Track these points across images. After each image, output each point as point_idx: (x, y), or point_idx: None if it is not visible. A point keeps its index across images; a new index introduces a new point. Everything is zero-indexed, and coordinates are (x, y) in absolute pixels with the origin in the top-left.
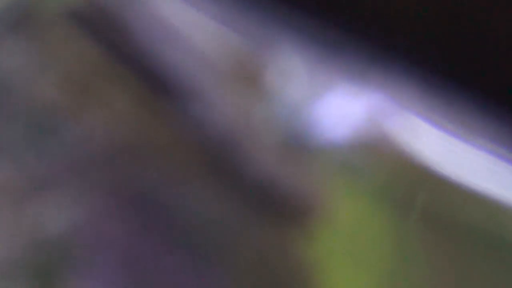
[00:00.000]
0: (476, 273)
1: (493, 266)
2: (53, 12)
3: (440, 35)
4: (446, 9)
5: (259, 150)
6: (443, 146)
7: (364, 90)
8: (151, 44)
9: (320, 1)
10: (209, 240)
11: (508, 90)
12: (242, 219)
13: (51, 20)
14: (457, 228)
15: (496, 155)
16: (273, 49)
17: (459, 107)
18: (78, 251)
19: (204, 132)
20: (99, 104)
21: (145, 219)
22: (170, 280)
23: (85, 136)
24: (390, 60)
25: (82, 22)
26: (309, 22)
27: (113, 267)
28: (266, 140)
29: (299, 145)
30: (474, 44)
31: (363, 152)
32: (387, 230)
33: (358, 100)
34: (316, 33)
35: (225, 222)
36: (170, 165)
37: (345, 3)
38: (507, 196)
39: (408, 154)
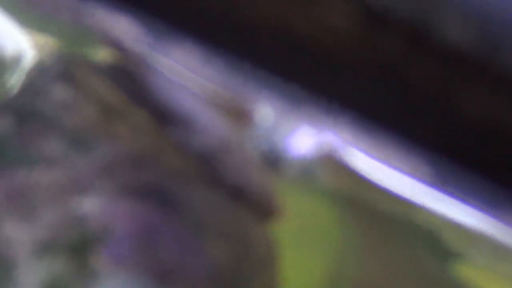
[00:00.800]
0: (394, 251)
1: (404, 246)
2: (89, 65)
3: (371, 92)
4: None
5: (240, 162)
6: (371, 165)
7: (318, 127)
8: (160, 90)
9: (287, 72)
10: (200, 220)
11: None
12: (224, 209)
13: (88, 71)
14: (381, 219)
15: (405, 172)
16: (255, 97)
17: (381, 141)
18: (105, 229)
19: (199, 148)
20: (121, 128)
21: (153, 205)
22: (171, 245)
23: (111, 148)
24: (336, 110)
25: (109, 73)
26: (282, 83)
27: (129, 238)
28: (246, 156)
29: (270, 160)
30: (396, 99)
31: (316, 167)
32: (333, 220)
33: (314, 134)
34: (286, 90)
35: (212, 210)
36: (173, 169)
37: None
38: (415, 198)
39: (348, 169)
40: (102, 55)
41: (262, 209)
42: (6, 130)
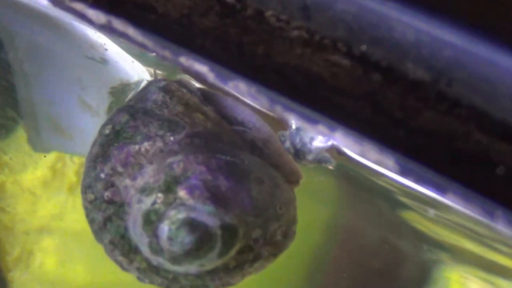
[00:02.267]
0: (369, 206)
1: (376, 203)
2: (179, 83)
3: (359, 113)
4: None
5: (277, 149)
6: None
7: (325, 133)
8: (225, 104)
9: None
10: (248, 171)
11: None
12: (264, 167)
13: (178, 86)
14: (363, 187)
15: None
16: (287, 113)
17: (365, 144)
18: (186, 172)
19: (252, 139)
20: (197, 116)
21: (217, 159)
22: (227, 183)
23: (191, 129)
24: (337, 124)
25: (193, 90)
26: (302, 106)
27: (201, 178)
28: (280, 146)
29: (297, 149)
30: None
31: (326, 155)
32: (334, 186)
33: (324, 136)
34: (305, 110)
35: (256, 166)
36: (231, 142)
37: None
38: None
39: (344, 155)
40: (185, 80)
41: (289, 178)
42: (125, 121)
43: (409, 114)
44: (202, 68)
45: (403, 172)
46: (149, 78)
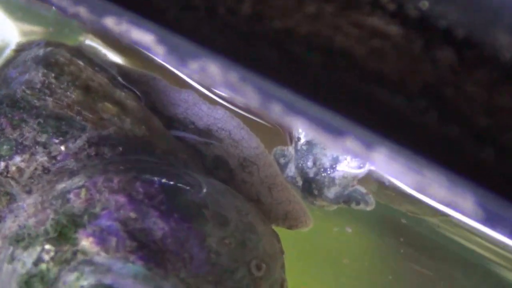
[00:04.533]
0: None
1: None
2: (75, 52)
3: (412, 117)
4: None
5: (264, 178)
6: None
7: (360, 156)
8: (167, 98)
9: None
10: (200, 204)
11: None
12: (229, 199)
13: (73, 57)
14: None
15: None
16: (291, 120)
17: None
18: (90, 215)
19: (218, 155)
20: (106, 107)
21: (143, 187)
22: (163, 224)
23: (95, 135)
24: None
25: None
26: (323, 108)
27: (113, 215)
28: (272, 172)
29: (309, 180)
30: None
31: (359, 188)
32: (375, 246)
33: (354, 162)
34: (328, 114)
35: (214, 197)
36: (166, 160)
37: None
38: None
39: (394, 190)
40: (89, 47)
41: (283, 224)
42: None
43: (502, 121)
44: (144, 37)
45: (488, 220)
46: (20, 41)
